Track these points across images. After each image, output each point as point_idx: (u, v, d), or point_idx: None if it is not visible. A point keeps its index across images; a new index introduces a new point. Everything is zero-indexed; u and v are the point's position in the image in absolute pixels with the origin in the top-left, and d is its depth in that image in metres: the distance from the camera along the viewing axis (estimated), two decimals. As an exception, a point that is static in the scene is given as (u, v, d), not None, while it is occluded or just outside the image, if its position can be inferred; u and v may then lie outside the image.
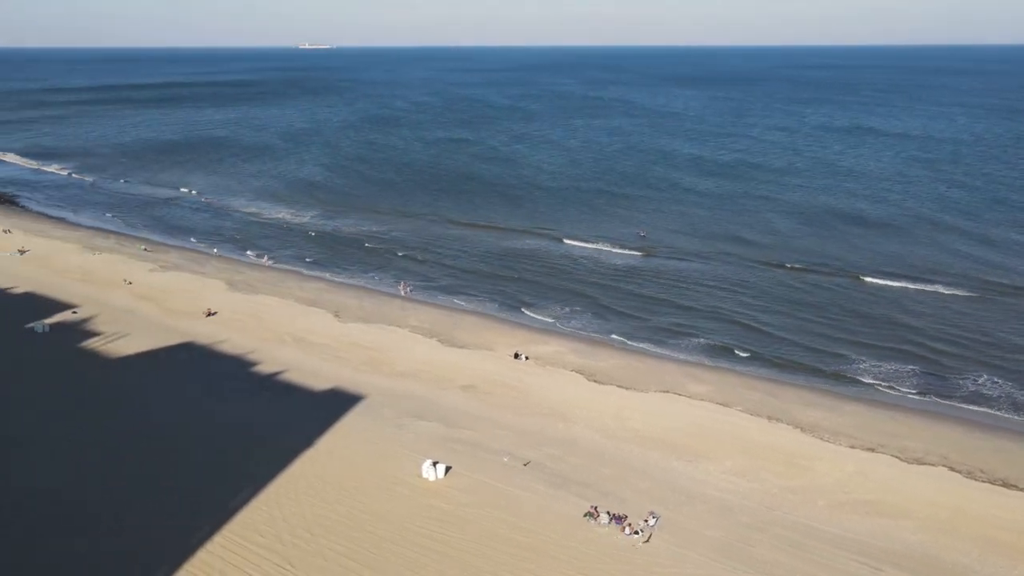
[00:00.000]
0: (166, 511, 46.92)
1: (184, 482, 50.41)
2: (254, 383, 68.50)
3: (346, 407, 63.33)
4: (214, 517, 46.28)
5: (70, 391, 64.55)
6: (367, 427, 59.73)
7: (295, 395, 66.01)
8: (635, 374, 73.36)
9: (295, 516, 46.80)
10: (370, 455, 54.90)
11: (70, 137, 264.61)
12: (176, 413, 61.07)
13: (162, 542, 43.70)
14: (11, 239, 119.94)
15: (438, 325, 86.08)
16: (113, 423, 58.99)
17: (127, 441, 56.19)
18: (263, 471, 51.92)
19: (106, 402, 62.68)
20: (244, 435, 57.50)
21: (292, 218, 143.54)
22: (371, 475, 52.09)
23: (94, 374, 68.88)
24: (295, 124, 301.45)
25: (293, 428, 58.77)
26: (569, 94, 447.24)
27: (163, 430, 58.14)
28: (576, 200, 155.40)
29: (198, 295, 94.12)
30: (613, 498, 50.36)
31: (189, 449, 55.09)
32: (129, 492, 49.08)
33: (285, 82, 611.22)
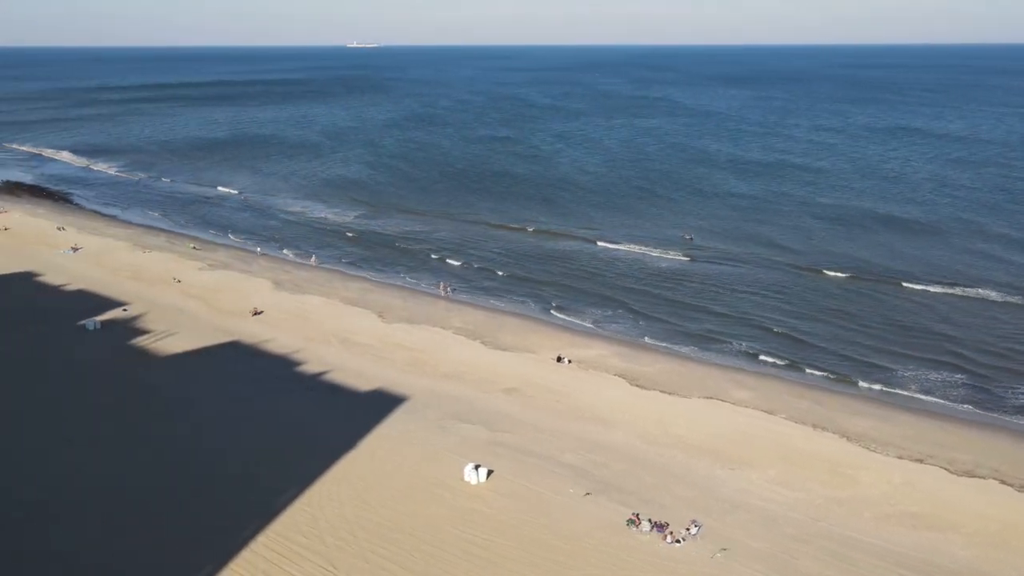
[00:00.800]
0: (212, 509, 47.62)
1: (229, 481, 51.11)
2: (299, 383, 69.26)
3: (390, 408, 63.76)
4: (258, 517, 46.87)
5: (120, 388, 65.75)
6: (410, 429, 60.07)
7: (340, 395, 66.62)
8: (678, 379, 72.93)
9: (338, 518, 47.23)
10: (413, 457, 55.21)
11: (121, 135, 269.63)
12: (223, 412, 61.95)
13: (208, 540, 44.36)
14: (65, 236, 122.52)
15: (481, 327, 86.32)
16: (161, 421, 59.99)
17: (174, 439, 57.12)
18: (307, 472, 52.45)
19: (155, 400, 63.78)
20: (289, 435, 58.15)
21: (335, 217, 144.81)
22: (414, 478, 52.39)
23: (143, 372, 70.11)
24: (340, 122, 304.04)
25: (337, 429, 59.29)
26: (613, 93, 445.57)
27: (210, 429, 59.02)
28: (619, 201, 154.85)
29: (245, 294, 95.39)
30: (655, 505, 50.13)
31: (235, 448, 55.85)
32: (176, 490, 49.86)
33: (332, 80, 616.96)
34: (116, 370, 69.86)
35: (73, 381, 67.04)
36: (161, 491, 49.54)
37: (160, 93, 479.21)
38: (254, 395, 65.58)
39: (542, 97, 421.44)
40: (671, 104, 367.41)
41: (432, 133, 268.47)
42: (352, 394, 66.89)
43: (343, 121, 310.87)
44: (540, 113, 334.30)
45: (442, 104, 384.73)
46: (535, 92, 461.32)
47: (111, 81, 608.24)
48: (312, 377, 70.62)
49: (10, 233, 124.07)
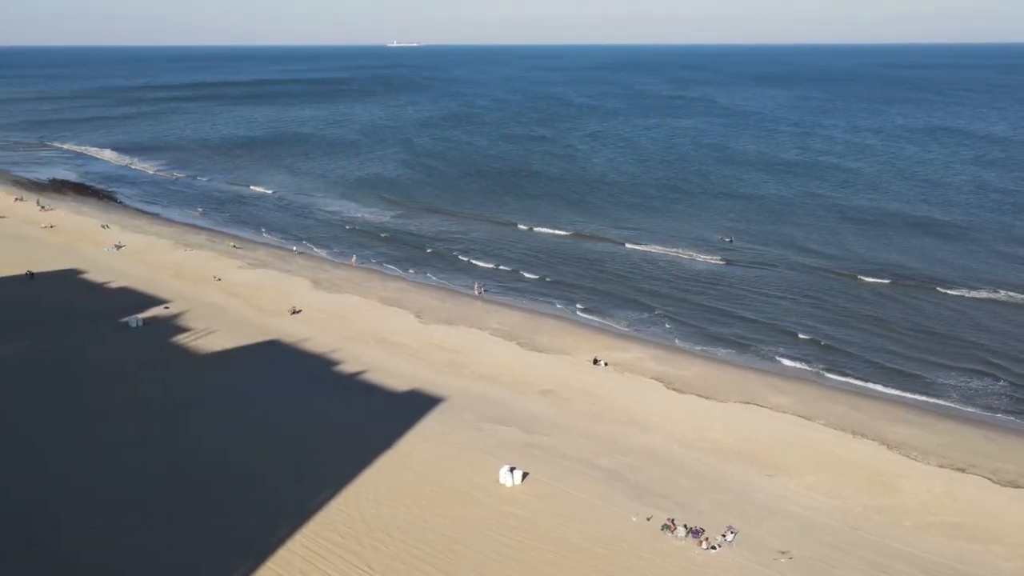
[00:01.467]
0: (249, 508, 48.16)
1: (267, 479, 51.66)
2: (337, 382, 69.85)
3: (426, 409, 64.08)
4: (295, 516, 47.32)
5: (161, 386, 66.73)
6: (446, 430, 60.33)
7: (376, 395, 67.08)
8: (715, 383, 72.51)
9: (374, 518, 47.57)
10: (449, 458, 55.45)
11: (164, 133, 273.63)
12: (261, 411, 62.65)
13: (244, 538, 44.86)
14: (109, 234, 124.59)
15: (518, 328, 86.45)
16: (201, 419, 60.82)
17: (214, 437, 57.87)
18: (343, 471, 52.87)
19: (195, 398, 64.64)
20: (326, 434, 58.69)
21: (372, 217, 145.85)
22: (449, 479, 52.62)
23: (183, 369, 71.11)
24: (378, 121, 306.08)
25: (374, 429, 59.71)
26: (650, 93, 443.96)
27: (248, 427, 59.70)
28: (654, 203, 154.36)
29: (284, 293, 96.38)
30: (690, 510, 49.89)
31: (273, 446, 56.44)
32: (214, 488, 50.52)
33: (372, 79, 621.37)
34: (157, 368, 70.83)
35: (116, 378, 68.09)
36: (199, 489, 50.19)
37: (202, 92, 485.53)
38: (292, 394, 66.24)
39: (579, 96, 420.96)
40: (708, 104, 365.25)
41: (468, 132, 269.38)
42: (389, 394, 67.31)
43: (381, 120, 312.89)
44: (576, 112, 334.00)
45: (479, 103, 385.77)
46: (572, 91, 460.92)
47: (155, 80, 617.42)
48: (350, 377, 71.17)
49: (56, 230, 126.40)
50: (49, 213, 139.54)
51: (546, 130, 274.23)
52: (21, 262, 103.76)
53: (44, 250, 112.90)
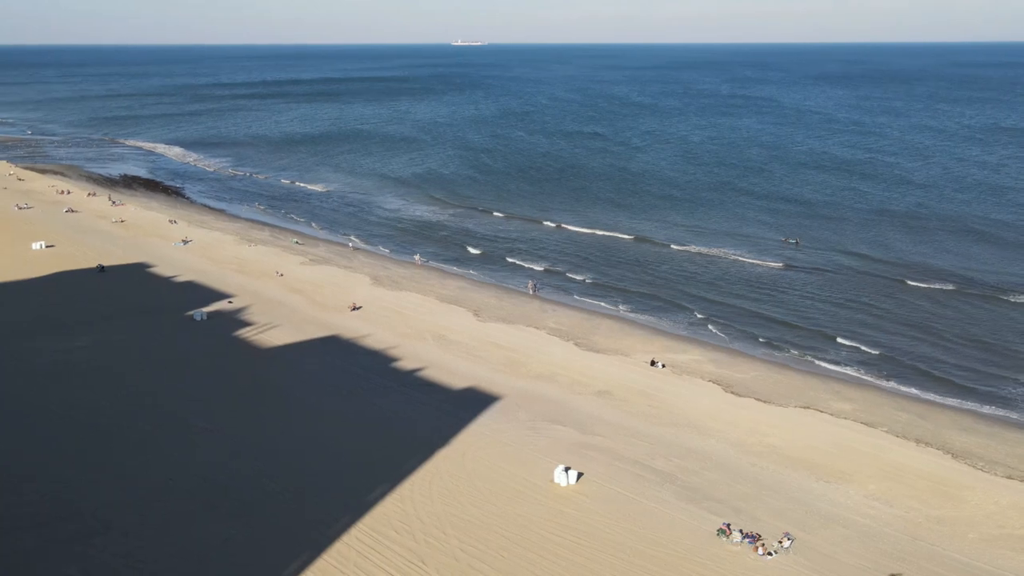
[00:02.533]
0: (306, 501, 48.94)
1: (323, 474, 52.39)
2: (395, 379, 70.46)
3: (482, 407, 64.36)
4: (351, 510, 47.92)
5: (224, 379, 68.17)
6: (502, 428, 60.53)
7: (434, 392, 67.53)
8: (775, 387, 71.57)
9: (429, 514, 47.94)
10: (504, 457, 55.64)
11: (230, 131, 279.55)
12: (320, 405, 63.54)
13: (302, 531, 45.57)
14: (176, 229, 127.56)
15: (576, 328, 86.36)
16: (261, 413, 61.90)
17: (273, 430, 58.85)
18: (401, 467, 53.39)
19: (256, 391, 65.85)
20: (383, 430, 59.31)
21: (430, 215, 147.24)
22: (504, 477, 52.80)
23: (246, 362, 72.51)
24: (437, 119, 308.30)
25: (430, 426, 60.18)
26: (711, 92, 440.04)
27: (307, 421, 60.60)
28: (714, 203, 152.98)
29: (345, 289, 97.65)
30: (746, 516, 49.33)
31: (331, 441, 57.23)
32: (272, 480, 51.42)
33: (433, 78, 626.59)
34: (221, 361, 72.37)
35: (181, 371, 69.72)
36: (261, 480, 51.15)
37: (267, 90, 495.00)
38: (351, 389, 67.06)
39: (638, 95, 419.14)
40: (770, 103, 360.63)
41: (525, 130, 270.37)
42: (446, 391, 67.74)
43: (440, 117, 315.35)
44: (634, 111, 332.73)
45: (539, 101, 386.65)
46: (631, 90, 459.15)
47: (221, 79, 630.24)
48: (407, 373, 71.79)
49: (126, 225, 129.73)
50: (120, 208, 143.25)
51: (603, 128, 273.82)
52: (93, 255, 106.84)
53: (115, 244, 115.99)
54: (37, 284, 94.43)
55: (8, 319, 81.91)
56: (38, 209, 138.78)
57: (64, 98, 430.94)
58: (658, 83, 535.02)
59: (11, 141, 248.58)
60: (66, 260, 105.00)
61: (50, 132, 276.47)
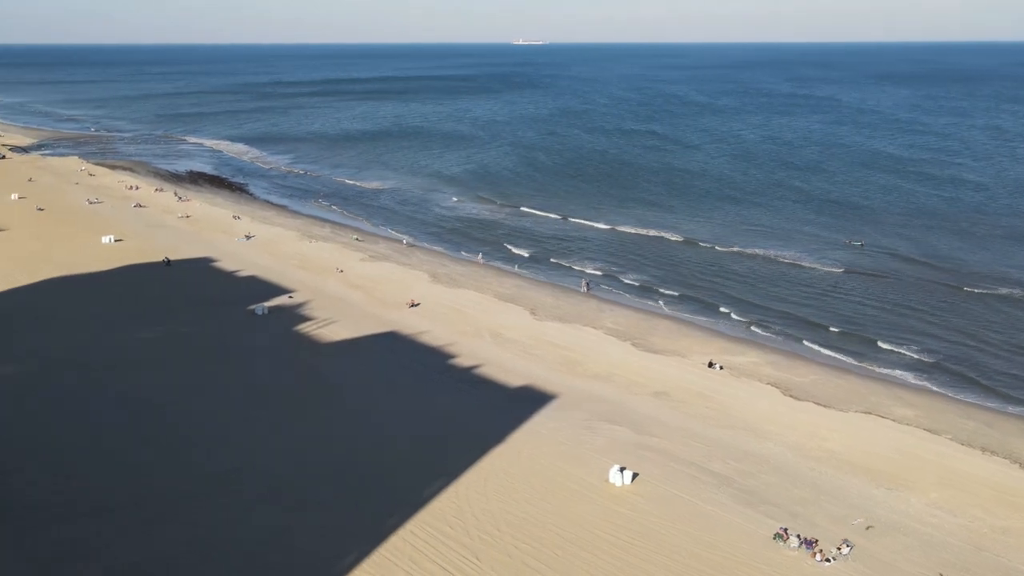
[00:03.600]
0: (362, 495, 49.64)
1: (381, 468, 53.08)
2: (452, 375, 71.07)
3: (538, 405, 64.55)
4: (407, 505, 48.47)
5: (283, 373, 69.43)
6: (558, 427, 60.65)
7: (490, 390, 67.95)
8: (835, 391, 70.54)
9: (483, 511, 48.29)
10: (559, 456, 55.76)
11: (292, 128, 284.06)
12: (378, 400, 64.40)
13: (358, 524, 46.24)
14: (240, 225, 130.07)
15: (633, 328, 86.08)
16: (320, 407, 62.90)
17: (331, 425, 59.79)
18: (456, 464, 53.82)
19: (315, 386, 66.95)
20: (440, 426, 59.82)
21: (488, 213, 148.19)
22: (559, 476, 52.92)
23: (306, 358, 73.71)
24: (496, 117, 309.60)
25: (486, 423, 60.57)
26: (772, 91, 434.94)
27: (365, 416, 61.46)
28: (774, 204, 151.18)
29: (403, 286, 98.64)
30: (803, 521, 48.73)
31: (389, 436, 57.94)
32: (330, 474, 52.28)
33: (493, 77, 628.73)
34: (281, 355, 73.69)
35: (243, 364, 71.21)
36: (314, 474, 52.05)
37: (329, 88, 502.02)
38: (408, 385, 67.84)
39: (697, 95, 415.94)
40: (832, 103, 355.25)
41: (584, 129, 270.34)
42: (502, 389, 68.11)
43: (499, 116, 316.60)
44: (693, 110, 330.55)
45: (597, 100, 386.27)
46: (691, 90, 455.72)
47: (284, 77, 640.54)
48: (464, 370, 72.31)
49: (191, 220, 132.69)
50: (185, 203, 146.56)
51: (660, 127, 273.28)
52: (160, 249, 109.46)
53: (180, 238, 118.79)
54: (106, 276, 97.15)
55: (77, 310, 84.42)
56: (108, 204, 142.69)
57: (132, 96, 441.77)
58: (717, 82, 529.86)
59: (83, 138, 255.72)
60: (134, 253, 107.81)
61: (119, 129, 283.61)
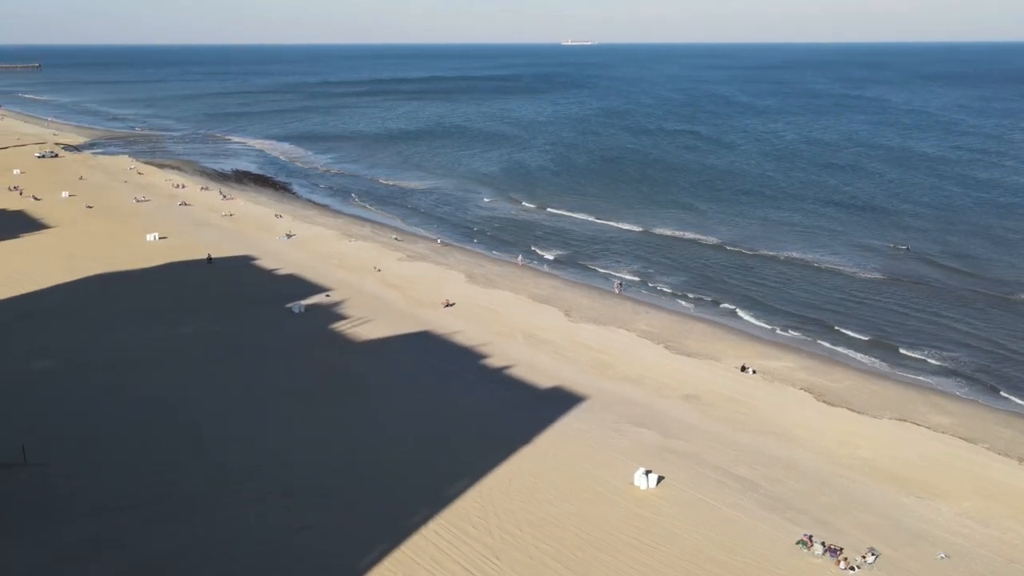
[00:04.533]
0: (387, 493, 50.13)
1: (406, 467, 53.54)
2: (482, 375, 71.39)
3: (567, 407, 64.60)
4: (431, 504, 48.85)
5: (315, 371, 70.31)
6: (585, 429, 60.66)
7: (520, 390, 68.14)
8: (870, 397, 69.56)
9: (506, 511, 48.49)
10: (585, 458, 55.77)
11: (337, 128, 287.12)
12: (407, 399, 64.90)
13: (381, 522, 46.69)
14: (281, 223, 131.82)
15: (667, 331, 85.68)
16: (349, 404, 63.66)
17: (360, 422, 60.49)
18: (481, 463, 54.10)
19: (345, 384, 67.69)
20: (468, 425, 60.17)
21: (526, 214, 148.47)
22: (583, 478, 52.95)
23: (338, 355, 74.59)
24: (541, 119, 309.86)
25: (514, 423, 60.76)
26: (818, 92, 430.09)
27: (393, 414, 62.01)
28: (815, 207, 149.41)
29: (439, 285, 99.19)
30: (829, 528, 48.19)
31: (415, 435, 58.37)
32: (358, 469, 52.90)
33: (538, 77, 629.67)
34: (313, 353, 74.54)
35: (275, 362, 72.17)
36: (338, 470, 52.71)
37: (375, 88, 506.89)
38: (436, 385, 68.27)
39: (741, 95, 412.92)
40: (880, 104, 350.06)
41: (627, 129, 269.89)
42: (532, 390, 68.25)
43: (543, 116, 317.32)
44: (737, 111, 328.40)
45: (641, 100, 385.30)
46: (736, 90, 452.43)
47: (332, 77, 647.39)
48: (495, 371, 72.58)
49: (234, 219, 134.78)
50: (229, 202, 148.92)
51: (702, 127, 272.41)
52: (202, 247, 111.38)
53: (223, 236, 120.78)
54: (148, 274, 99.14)
55: (116, 307, 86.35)
56: (154, 202, 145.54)
57: (182, 95, 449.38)
58: (763, 83, 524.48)
59: (133, 136, 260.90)
60: (177, 251, 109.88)
61: (168, 128, 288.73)
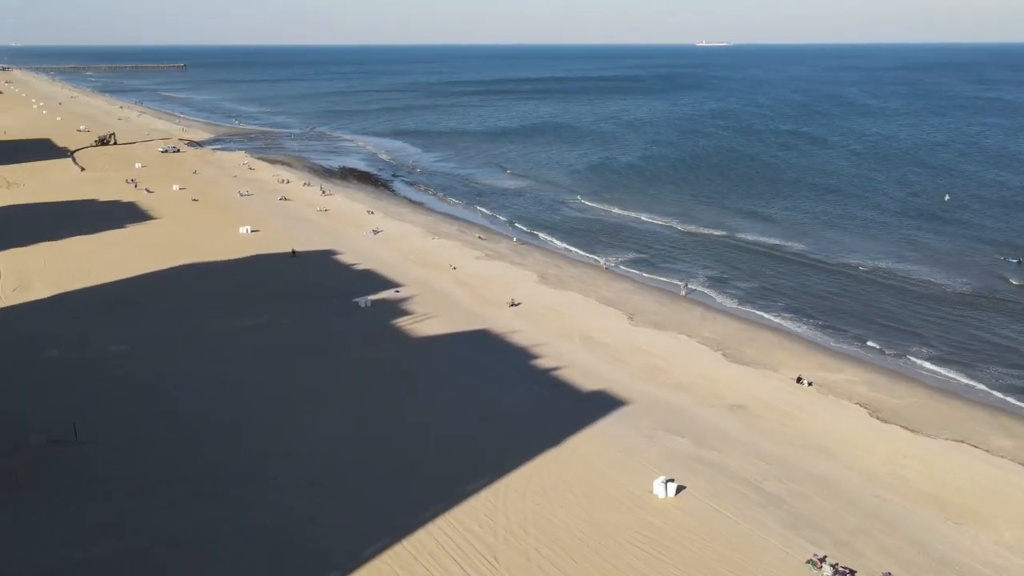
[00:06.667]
0: (404, 486, 51.09)
1: (431, 462, 54.38)
2: (529, 375, 71.50)
3: (606, 411, 64.08)
4: (445, 499, 49.50)
5: (367, 363, 72.11)
6: (618, 434, 60.08)
7: (562, 392, 68.00)
8: (930, 416, 66.32)
9: (517, 512, 48.61)
10: (609, 463, 55.28)
11: (452, 126, 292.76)
12: (446, 395, 65.75)
13: (391, 515, 47.63)
14: (371, 220, 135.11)
15: (730, 338, 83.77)
16: (391, 397, 65.07)
17: (396, 415, 61.66)
18: (506, 462, 54.38)
19: (393, 376, 69.26)
20: (502, 425, 60.52)
21: (615, 217, 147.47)
22: (603, 483, 52.52)
23: (392, 349, 76.18)
24: (652, 119, 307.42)
25: (548, 424, 60.74)
26: (951, 93, 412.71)
27: (432, 409, 62.94)
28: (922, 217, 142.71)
29: (510, 285, 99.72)
30: (848, 550, 46.24)
31: (446, 431, 59.16)
32: (380, 463, 54.04)
33: (660, 78, 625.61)
34: (369, 347, 76.34)
35: (329, 354, 74.31)
36: (363, 463, 54.02)
37: (494, 88, 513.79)
38: (482, 383, 68.87)
39: (866, 97, 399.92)
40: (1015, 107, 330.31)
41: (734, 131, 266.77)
42: (574, 392, 68.01)
43: (653, 117, 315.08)
44: (858, 113, 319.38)
45: (757, 101, 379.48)
46: (861, 91, 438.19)
47: (452, 77, 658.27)
48: (543, 371, 72.60)
49: (328, 214, 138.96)
50: (328, 198, 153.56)
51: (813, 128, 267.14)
52: (290, 241, 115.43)
53: (312, 231, 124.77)
54: (233, 265, 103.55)
55: (196, 296, 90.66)
56: (257, 196, 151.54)
57: (305, 94, 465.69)
58: (892, 84, 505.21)
59: (254, 133, 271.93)
60: (265, 244, 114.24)
61: (287, 126, 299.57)
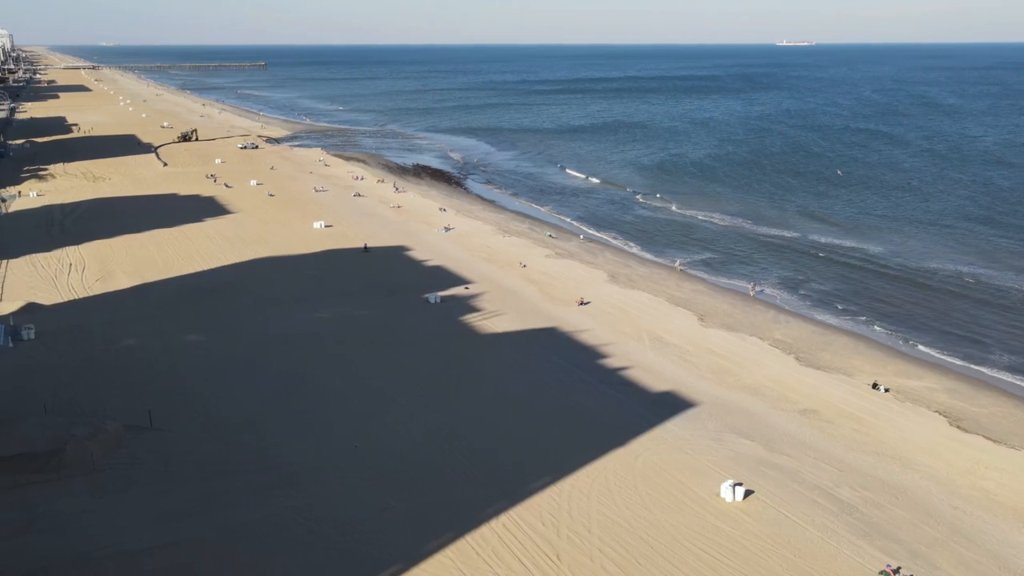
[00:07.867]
0: (470, 482, 51.21)
1: (495, 458, 54.39)
2: (596, 375, 70.91)
3: (673, 412, 63.22)
4: (509, 496, 49.46)
5: (436, 358, 72.50)
6: (685, 436, 59.21)
7: (629, 392, 67.30)
8: (1015, 426, 63.89)
9: (580, 512, 48.28)
10: (676, 465, 54.51)
11: (527, 124, 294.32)
12: (513, 392, 65.64)
13: (456, 510, 47.79)
14: (443, 217, 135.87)
15: (803, 342, 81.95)
16: (459, 393, 65.17)
17: (463, 411, 61.77)
18: (569, 461, 54.10)
19: (461, 373, 69.44)
20: (565, 423, 60.21)
21: (687, 216, 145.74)
22: (668, 484, 51.83)
23: (460, 345, 76.44)
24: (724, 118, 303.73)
25: (613, 425, 60.24)
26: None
27: (498, 406, 62.88)
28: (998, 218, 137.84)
29: (579, 283, 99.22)
30: (923, 562, 44.77)
31: (512, 428, 59.11)
32: (446, 458, 54.24)
33: (736, 77, 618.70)
34: (438, 342, 76.75)
35: (397, 348, 74.86)
36: (429, 458, 54.24)
37: (572, 87, 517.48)
38: (548, 381, 68.56)
39: (950, 97, 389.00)
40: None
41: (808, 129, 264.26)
42: (642, 392, 67.24)
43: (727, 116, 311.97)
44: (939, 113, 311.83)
45: (836, 101, 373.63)
46: (945, 92, 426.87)
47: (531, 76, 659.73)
48: (610, 371, 71.98)
49: (401, 211, 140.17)
50: (401, 195, 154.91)
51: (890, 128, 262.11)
52: (363, 237, 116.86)
53: (385, 227, 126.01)
54: (307, 259, 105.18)
55: (269, 289, 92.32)
56: (331, 192, 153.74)
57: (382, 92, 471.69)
58: (980, 84, 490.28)
59: (330, 131, 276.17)
60: (339, 239, 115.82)
61: (363, 123, 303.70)
